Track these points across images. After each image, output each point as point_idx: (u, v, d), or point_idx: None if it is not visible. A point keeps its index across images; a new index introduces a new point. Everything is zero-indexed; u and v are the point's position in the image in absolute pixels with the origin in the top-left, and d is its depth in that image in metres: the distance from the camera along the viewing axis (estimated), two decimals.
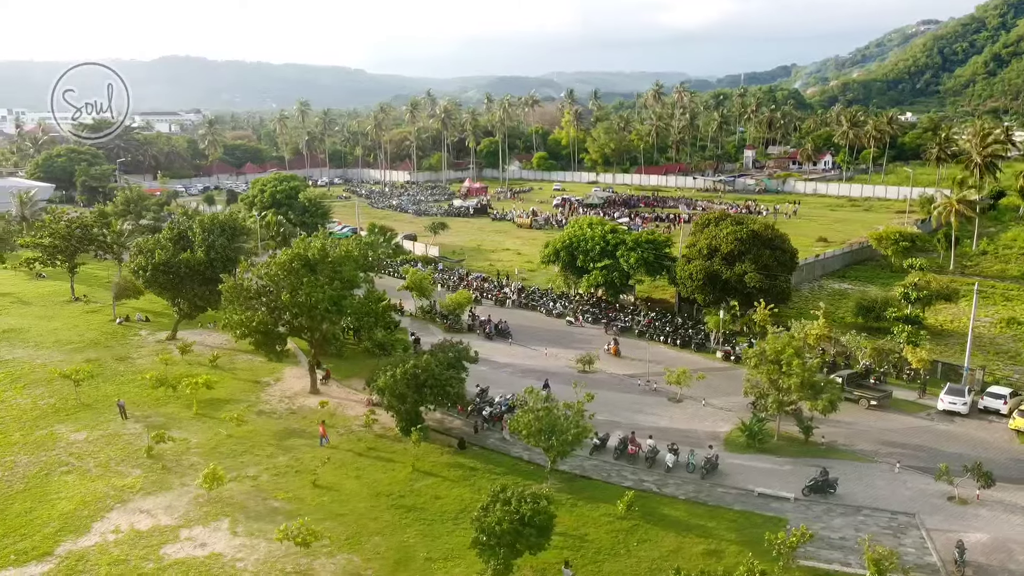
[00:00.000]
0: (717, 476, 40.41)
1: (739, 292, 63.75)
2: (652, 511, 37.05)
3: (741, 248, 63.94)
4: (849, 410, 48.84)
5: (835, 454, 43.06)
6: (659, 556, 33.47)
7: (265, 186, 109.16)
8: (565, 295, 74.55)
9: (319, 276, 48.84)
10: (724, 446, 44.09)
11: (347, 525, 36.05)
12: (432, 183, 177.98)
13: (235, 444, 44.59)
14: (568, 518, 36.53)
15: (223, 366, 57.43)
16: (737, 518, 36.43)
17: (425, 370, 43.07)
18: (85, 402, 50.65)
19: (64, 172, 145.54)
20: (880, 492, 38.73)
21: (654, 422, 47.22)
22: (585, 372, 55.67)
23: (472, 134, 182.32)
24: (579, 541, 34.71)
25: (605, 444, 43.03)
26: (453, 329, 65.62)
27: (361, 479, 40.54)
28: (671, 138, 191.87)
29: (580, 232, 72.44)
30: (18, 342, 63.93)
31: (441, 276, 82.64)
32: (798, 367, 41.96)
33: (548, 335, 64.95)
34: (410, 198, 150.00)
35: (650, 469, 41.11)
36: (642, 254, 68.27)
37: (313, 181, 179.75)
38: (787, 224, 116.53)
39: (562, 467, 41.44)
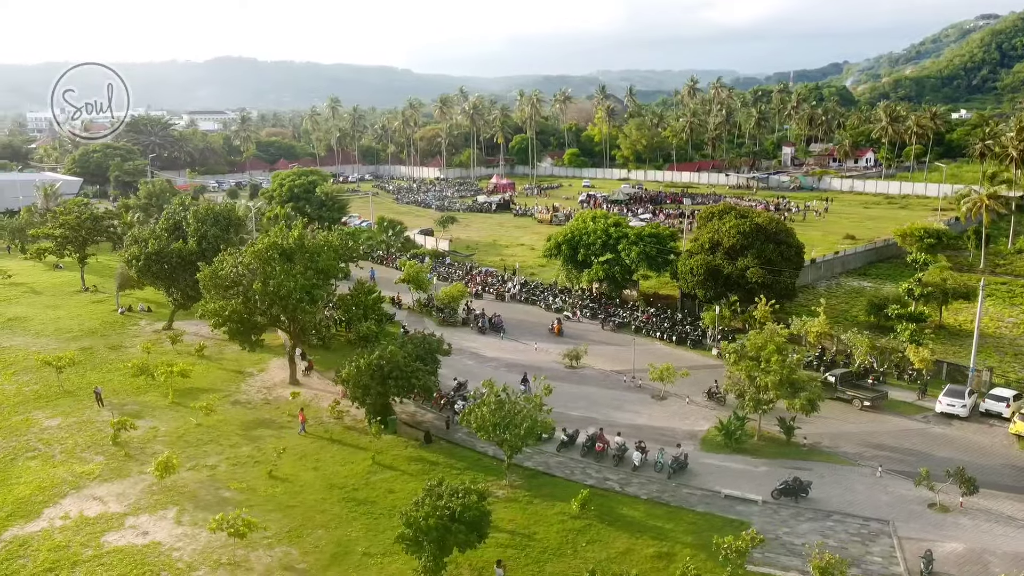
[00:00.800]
0: (685, 476, 38.59)
1: (741, 287, 61.45)
2: (609, 511, 35.44)
3: (744, 242, 61.63)
4: (841, 411, 46.47)
5: (816, 456, 40.83)
6: (606, 558, 31.88)
7: (284, 180, 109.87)
8: (567, 290, 72.95)
9: (295, 265, 48.21)
10: (700, 445, 42.19)
11: (293, 517, 35.23)
12: (461, 180, 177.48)
13: (202, 433, 44.18)
14: (521, 516, 35.18)
15: (211, 356, 57.32)
16: (697, 520, 34.61)
17: (390, 361, 42.06)
18: (68, 389, 50.91)
19: (99, 168, 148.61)
20: (857, 497, 36.48)
21: (631, 420, 45.49)
22: (572, 368, 54.12)
23: (500, 130, 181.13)
24: (526, 540, 33.30)
25: (574, 441, 41.51)
26: (447, 323, 64.57)
27: (319, 471, 39.72)
28: (707, 135, 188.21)
29: (582, 226, 70.80)
30: (19, 330, 64.88)
31: (446, 270, 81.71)
32: (776, 364, 39.89)
33: (543, 330, 63.47)
34: (435, 194, 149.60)
35: (616, 467, 39.47)
36: (644, 248, 66.33)
37: (344, 177, 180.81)
38: (815, 221, 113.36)
39: (526, 463, 40.10)
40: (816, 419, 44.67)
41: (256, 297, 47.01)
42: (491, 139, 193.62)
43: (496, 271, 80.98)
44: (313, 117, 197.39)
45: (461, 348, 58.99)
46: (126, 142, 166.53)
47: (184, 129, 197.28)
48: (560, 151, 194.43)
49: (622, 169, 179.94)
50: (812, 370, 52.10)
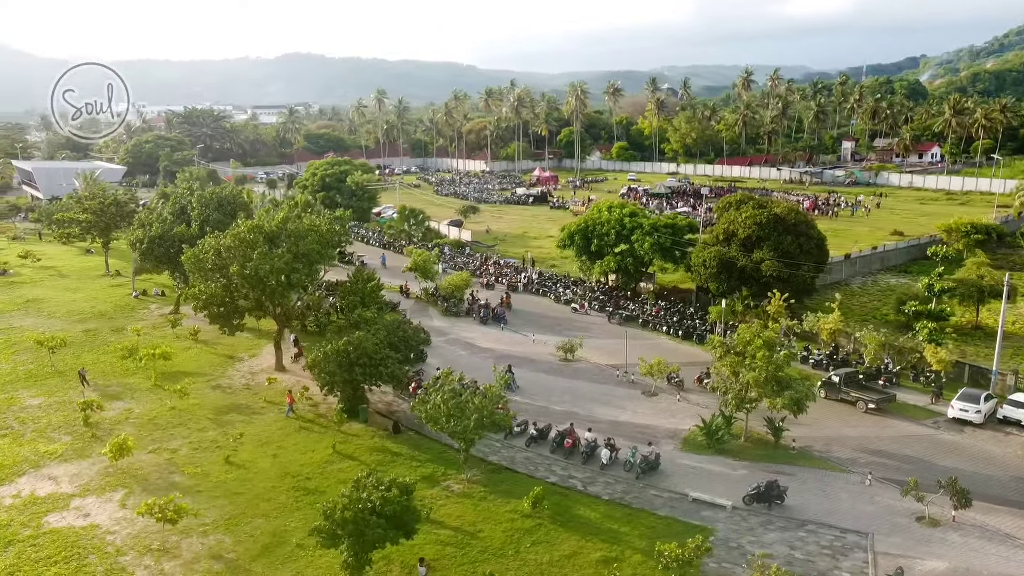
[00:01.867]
0: (656, 477, 36.09)
1: (755, 281, 58.22)
2: (565, 511, 33.28)
3: (760, 233, 58.35)
4: (843, 413, 43.16)
5: (803, 460, 37.77)
6: (548, 561, 29.78)
7: (317, 170, 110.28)
8: (581, 281, 70.58)
9: (278, 250, 47.26)
10: (681, 445, 39.57)
11: (238, 504, 34.10)
12: (507, 173, 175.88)
13: (174, 416, 43.57)
14: (471, 512, 33.32)
15: (206, 340, 56.95)
16: (657, 525, 32.15)
17: (357, 348, 40.66)
18: (59, 369, 51.10)
19: (150, 157, 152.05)
20: (839, 506, 33.45)
21: (614, 416, 43.09)
22: (567, 360, 51.90)
23: (544, 123, 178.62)
24: (470, 538, 31.41)
25: (546, 436, 39.36)
26: (451, 312, 62.99)
27: (278, 458, 38.57)
28: (762, 128, 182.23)
29: (596, 215, 68.32)
30: (34, 311, 65.88)
31: (464, 260, 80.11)
32: (762, 359, 37.00)
33: (547, 322, 61.33)
34: (476, 186, 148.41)
35: (584, 465, 37.22)
36: (658, 239, 63.50)
37: (391, 170, 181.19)
38: (864, 217, 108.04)
39: (492, 457, 38.22)
40: (813, 421, 41.61)
41: (236, 281, 46.21)
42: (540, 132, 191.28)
43: (515, 262, 79.06)
44: (360, 109, 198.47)
45: (458, 338, 57.46)
46: (178, 133, 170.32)
47: (236, 121, 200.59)
48: (610, 145, 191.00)
49: (671, 163, 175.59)
50: (821, 369, 48.93)
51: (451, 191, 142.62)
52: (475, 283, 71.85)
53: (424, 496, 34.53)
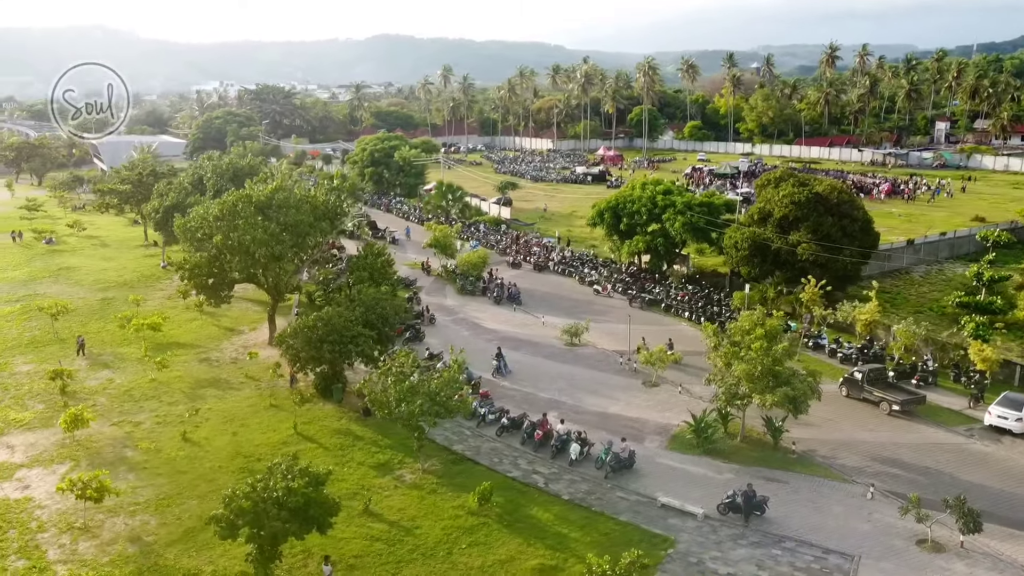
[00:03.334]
0: (628, 476, 32.53)
1: (790, 266, 53.25)
2: (517, 509, 30.21)
3: (797, 213, 53.21)
4: (863, 414, 38.42)
5: (801, 466, 33.46)
6: (479, 566, 26.83)
7: (367, 145, 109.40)
8: (611, 262, 66.70)
9: (265, 220, 45.46)
10: (668, 442, 35.80)
11: (177, 484, 32.40)
12: (573, 151, 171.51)
13: (151, 389, 42.44)
14: (416, 505, 30.64)
15: (213, 312, 55.86)
16: (613, 531, 28.74)
17: (327, 324, 38.42)
18: (61, 337, 50.93)
19: (219, 133, 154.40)
20: (829, 522, 29.23)
21: (603, 407, 39.56)
22: (572, 345, 48.50)
23: (613, 100, 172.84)
24: (404, 534, 28.75)
25: (519, 426, 36.23)
26: (466, 291, 60.27)
27: (236, 436, 36.77)
28: (848, 108, 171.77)
29: (629, 192, 64.24)
30: (63, 279, 66.60)
31: (498, 238, 77.10)
32: (758, 350, 32.82)
33: (564, 304, 57.88)
34: (537, 165, 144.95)
35: (553, 460, 33.97)
36: (690, 218, 59.03)
37: (456, 147, 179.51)
38: (945, 201, 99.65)
39: (456, 446, 35.43)
40: (825, 422, 37.16)
41: (222, 251, 44.70)
42: (617, 110, 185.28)
43: (550, 241, 75.64)
44: (426, 87, 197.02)
45: (465, 317, 54.82)
46: (249, 110, 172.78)
47: (306, 99, 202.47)
48: (684, 124, 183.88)
49: (746, 143, 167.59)
50: (850, 364, 44.08)
51: (510, 169, 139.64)
52: (502, 261, 69.01)
53: (372, 486, 32.19)
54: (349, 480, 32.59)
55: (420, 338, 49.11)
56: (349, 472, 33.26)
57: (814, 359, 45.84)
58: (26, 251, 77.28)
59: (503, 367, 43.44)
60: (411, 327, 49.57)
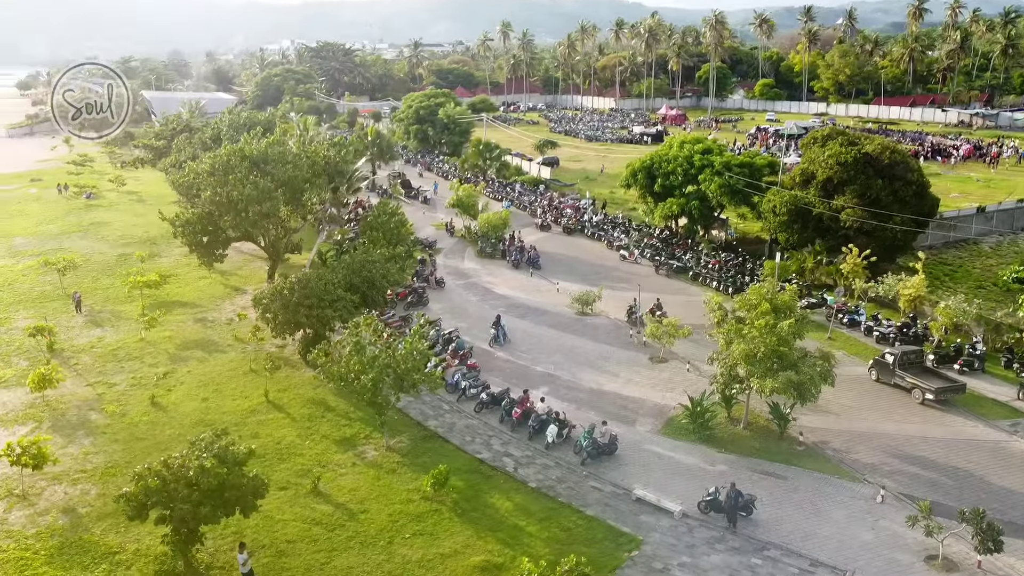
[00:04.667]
0: (607, 464, 29.33)
1: (833, 233, 48.45)
2: (476, 496, 27.47)
3: (843, 175, 48.22)
4: (892, 401, 34.11)
5: (807, 460, 29.60)
6: (418, 560, 24.23)
7: (413, 102, 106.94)
8: (645, 226, 62.59)
9: (256, 176, 43.44)
10: (663, 427, 32.35)
11: (131, 452, 30.75)
12: (636, 111, 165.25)
13: (138, 348, 41.14)
14: (369, 486, 28.25)
15: (224, 270, 54.43)
16: (576, 527, 25.72)
17: (304, 287, 36.11)
18: (69, 292, 50.21)
19: (277, 90, 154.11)
20: (825, 528, 25.51)
21: (600, 384, 36.24)
22: (583, 314, 45.15)
23: (678, 57, 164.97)
24: (347, 519, 26.37)
25: (500, 402, 33.33)
26: (484, 253, 57.30)
27: (207, 402, 35.03)
28: (936, 65, 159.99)
29: (665, 152, 59.83)
30: (91, 234, 66.43)
31: (532, 198, 73.58)
32: (760, 328, 28.94)
33: (586, 269, 54.34)
34: (594, 124, 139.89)
35: (530, 441, 31.01)
36: (728, 179, 54.41)
37: (515, 106, 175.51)
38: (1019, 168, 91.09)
39: (430, 422, 32.83)
40: (845, 410, 33.12)
41: (215, 208, 42.90)
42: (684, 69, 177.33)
43: (586, 203, 71.73)
44: (484, 44, 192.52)
45: (478, 282, 52.00)
46: (308, 67, 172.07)
47: (366, 56, 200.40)
48: (754, 82, 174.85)
49: (820, 103, 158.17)
50: (887, 344, 39.56)
51: (564, 128, 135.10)
52: (532, 223, 65.72)
53: (329, 462, 29.92)
54: (308, 455, 30.42)
55: (424, 303, 46.59)
56: (311, 446, 31.07)
57: (847, 337, 41.45)
58: (66, 205, 77.75)
59: (500, 336, 40.54)
60: (415, 291, 47.03)
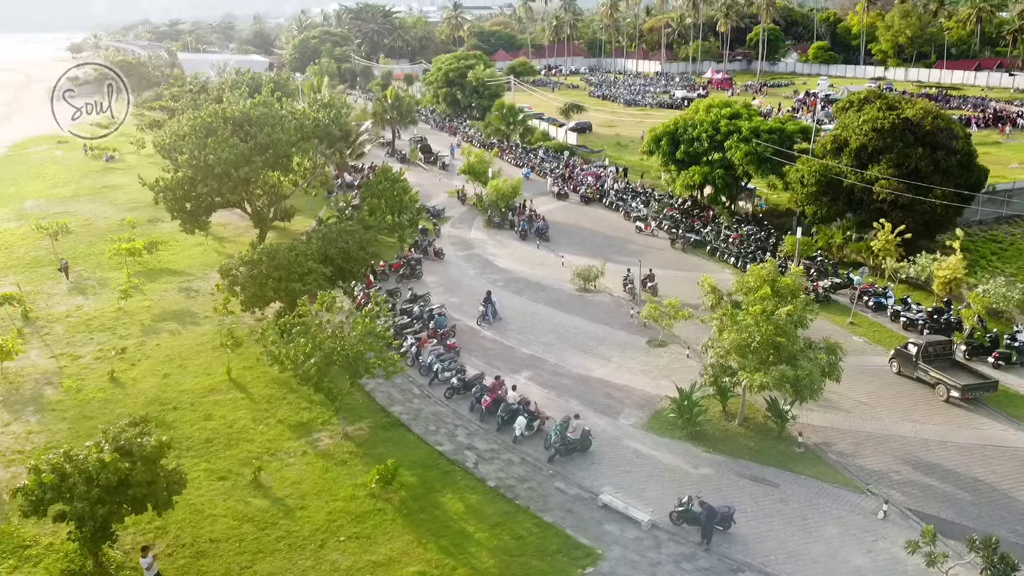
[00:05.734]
0: (578, 462, 26.40)
1: (866, 207, 44.22)
2: (427, 494, 24.88)
3: (878, 143, 43.83)
4: (915, 398, 30.39)
5: (805, 464, 26.21)
6: (347, 567, 21.77)
7: (442, 65, 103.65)
8: (668, 196, 58.74)
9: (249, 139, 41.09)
10: (648, 421, 29.23)
11: (75, 432, 28.74)
12: (682, 74, 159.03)
13: (113, 319, 39.42)
14: (314, 479, 25.88)
15: (224, 237, 52.76)
16: (530, 535, 22.94)
17: (272, 258, 33.70)
18: (62, 257, 49.00)
19: (314, 52, 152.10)
20: (814, 548, 22.27)
21: (588, 369, 33.19)
22: (584, 291, 41.99)
23: (725, 18, 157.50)
24: (283, 516, 24.03)
25: (471, 387, 30.59)
26: (492, 223, 54.30)
27: (168, 379, 33.01)
28: (1007, 26, 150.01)
29: (691, 116, 55.71)
30: (101, 198, 65.31)
31: (552, 165, 70.04)
32: (756, 314, 25.49)
33: (598, 241, 50.97)
34: (634, 88, 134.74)
35: (499, 432, 28.23)
36: (755, 147, 50.23)
37: (557, 69, 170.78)
38: None
39: (394, 408, 30.28)
40: (858, 406, 29.59)
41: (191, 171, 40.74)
42: (735, 31, 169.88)
43: (610, 170, 67.97)
44: (527, 4, 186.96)
45: (480, 253, 49.17)
46: (347, 29, 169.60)
47: (406, 18, 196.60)
48: (809, 45, 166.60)
49: (878, 67, 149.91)
50: (915, 331, 35.66)
51: (605, 93, 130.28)
52: (550, 192, 62.38)
53: (279, 450, 27.64)
54: (258, 441, 28.17)
55: (417, 275, 43.96)
56: (263, 431, 28.81)
57: (871, 322, 37.54)
58: (84, 167, 76.93)
59: (490, 314, 37.70)
60: (408, 263, 44.40)
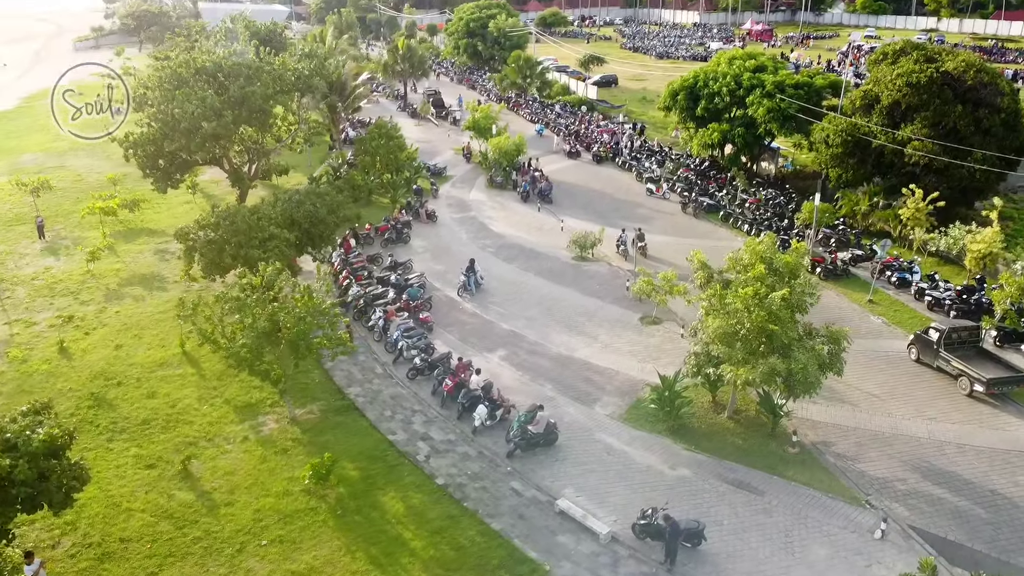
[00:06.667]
0: (541, 458, 23.58)
1: (897, 171, 40.09)
2: (367, 492, 22.35)
3: (914, 99, 39.50)
4: (933, 390, 26.93)
5: (796, 469, 23.02)
6: None
7: (463, 15, 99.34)
8: (686, 155, 54.79)
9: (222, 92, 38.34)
10: (627, 411, 26.21)
11: (7, 410, 26.77)
12: (722, 26, 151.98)
13: (79, 283, 37.33)
14: (248, 471, 23.52)
15: (215, 194, 50.42)
16: (472, 545, 20.30)
17: (230, 223, 31.07)
18: (38, 215, 47.10)
19: (339, 3, 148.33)
20: (795, 573, 19.27)
21: (571, 348, 30.19)
22: (581, 259, 38.79)
23: None
24: (204, 513, 21.73)
25: (434, 369, 27.84)
26: (494, 183, 51.06)
27: (119, 351, 30.83)
28: None
29: (713, 69, 51.51)
30: (97, 152, 62.86)
31: (568, 121, 66.18)
32: (746, 297, 22.16)
33: (605, 205, 47.49)
34: (668, 40, 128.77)
35: (459, 420, 25.51)
36: (778, 103, 46.07)
37: (591, 19, 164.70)
38: None
39: (351, 389, 27.70)
40: (867, 399, 26.28)
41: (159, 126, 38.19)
42: None
43: (627, 128, 63.95)
44: None
45: (476, 216, 46.10)
46: None
47: None
48: None
49: (930, 17, 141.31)
50: (941, 312, 31.98)
51: (638, 45, 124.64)
52: (559, 149, 58.78)
53: (219, 434, 25.31)
54: (199, 423, 25.87)
55: (404, 240, 41.15)
56: (207, 412, 26.49)
57: (893, 300, 33.85)
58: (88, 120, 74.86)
59: (471, 284, 34.80)
60: (395, 226, 41.56)
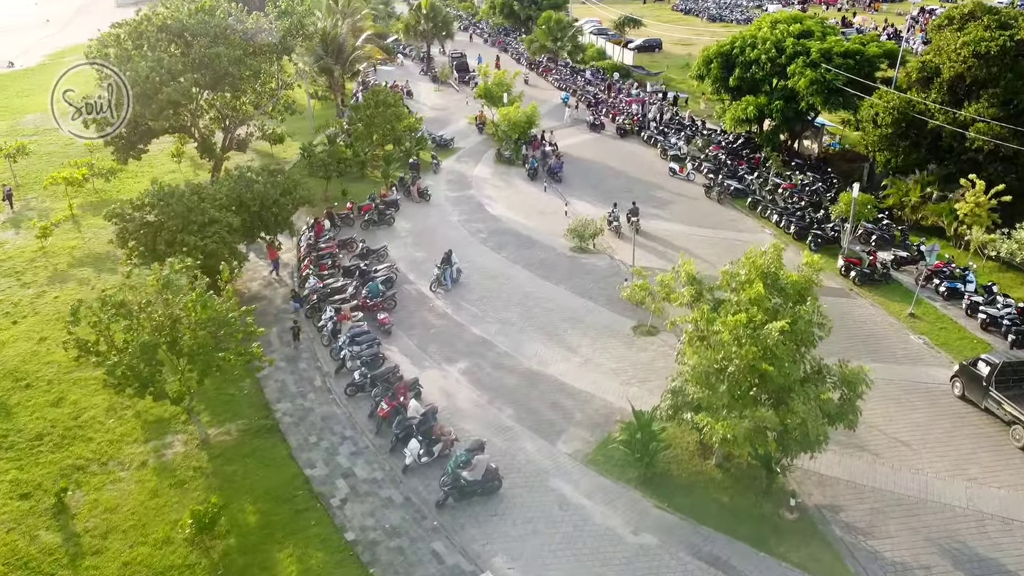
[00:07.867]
0: (477, 509, 19.42)
1: (956, 156, 34.31)
2: (258, 546, 18.55)
3: (980, 73, 33.56)
4: (976, 436, 21.90)
5: (787, 544, 18.30)
6: None
7: None
8: (720, 131, 49.26)
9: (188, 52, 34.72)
10: (595, 450, 21.79)
11: None
12: None
13: (27, 262, 34.37)
14: (133, 508, 20.09)
15: (202, 164, 46.90)
16: None
17: (165, 206, 27.32)
18: (19, 183, 44.39)
19: None
20: None
21: (543, 362, 25.77)
22: (580, 250, 34.16)
23: None
24: (67, 563, 18.29)
25: (375, 386, 23.78)
26: (503, 158, 46.42)
27: (40, 345, 27.73)
28: None
29: (753, 33, 45.76)
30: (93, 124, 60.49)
31: (596, 89, 60.78)
32: (736, 327, 17.45)
33: (620, 184, 42.38)
34: (721, 2, 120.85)
35: (391, 453, 21.46)
36: (823, 74, 40.25)
37: None
38: None
39: (280, 404, 23.91)
40: (894, 447, 21.51)
41: None
42: None
43: (657, 98, 58.34)
44: None
45: (475, 195, 41.79)
46: None
47: None
48: None
49: None
50: (998, 334, 26.70)
51: (690, 7, 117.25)
52: (584, 123, 53.65)
53: (113, 457, 21.91)
54: (97, 441, 22.45)
55: (387, 221, 37.04)
56: (111, 428, 23.07)
57: (939, 315, 28.50)
58: None
59: (447, 278, 30.58)
60: (378, 206, 37.44)
